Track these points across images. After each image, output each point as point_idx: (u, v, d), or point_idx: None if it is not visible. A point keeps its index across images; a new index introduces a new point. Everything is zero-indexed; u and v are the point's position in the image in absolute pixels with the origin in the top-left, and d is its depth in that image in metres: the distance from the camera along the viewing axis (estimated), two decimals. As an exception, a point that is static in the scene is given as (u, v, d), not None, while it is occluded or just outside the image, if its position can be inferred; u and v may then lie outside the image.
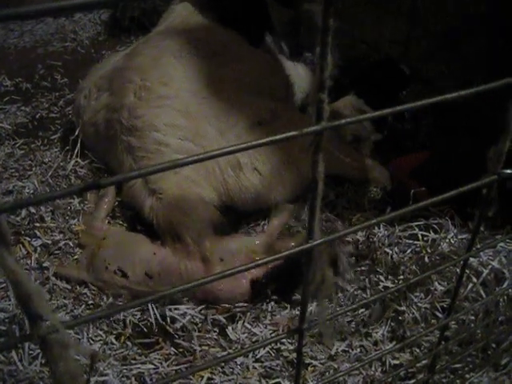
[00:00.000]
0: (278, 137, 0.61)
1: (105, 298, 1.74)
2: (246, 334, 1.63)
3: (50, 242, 1.89)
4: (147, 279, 1.69)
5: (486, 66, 2.18)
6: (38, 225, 1.94)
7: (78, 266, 1.79)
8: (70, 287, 1.78)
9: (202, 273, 1.68)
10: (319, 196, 0.68)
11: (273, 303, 1.73)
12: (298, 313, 1.62)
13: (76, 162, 2.32)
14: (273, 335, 1.62)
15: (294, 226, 1.94)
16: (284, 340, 1.59)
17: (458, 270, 1.61)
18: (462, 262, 1.06)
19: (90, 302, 1.73)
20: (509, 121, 0.82)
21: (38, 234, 1.92)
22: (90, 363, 0.64)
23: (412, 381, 1.48)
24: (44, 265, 1.81)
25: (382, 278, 1.72)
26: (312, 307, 1.57)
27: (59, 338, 0.61)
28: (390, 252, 1.74)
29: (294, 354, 1.53)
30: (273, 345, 1.59)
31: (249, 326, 1.65)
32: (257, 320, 1.68)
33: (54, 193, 0.54)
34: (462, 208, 1.77)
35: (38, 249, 1.88)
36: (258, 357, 1.56)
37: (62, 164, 2.31)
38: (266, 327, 1.65)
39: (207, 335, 1.62)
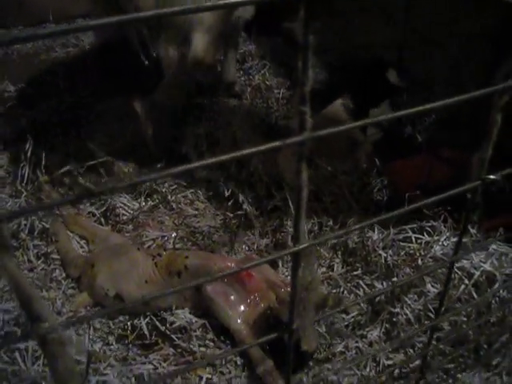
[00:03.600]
0: (262, 147, 0.65)
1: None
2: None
3: (49, 250, 1.96)
4: (144, 306, 1.73)
5: (478, 69, 2.22)
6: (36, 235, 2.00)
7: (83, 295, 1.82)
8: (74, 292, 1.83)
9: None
10: (304, 202, 0.72)
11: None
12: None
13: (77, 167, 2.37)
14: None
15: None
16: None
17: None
18: (448, 265, 1.10)
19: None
20: (492, 128, 0.86)
21: (40, 244, 1.98)
22: (87, 360, 0.68)
23: (405, 380, 1.51)
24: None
25: (375, 280, 1.76)
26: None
27: (58, 337, 0.65)
28: (385, 255, 1.78)
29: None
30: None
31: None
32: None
33: (50, 202, 0.58)
34: (456, 211, 1.81)
35: (42, 258, 1.94)
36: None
37: (64, 170, 2.36)
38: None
39: (206, 335, 1.66)
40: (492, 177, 0.91)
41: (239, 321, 1.59)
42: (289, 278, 1.53)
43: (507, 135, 1.03)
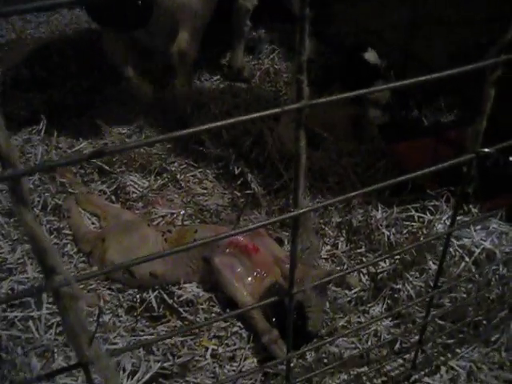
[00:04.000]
0: (261, 113, 0.69)
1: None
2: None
3: (61, 225, 2.02)
4: (152, 279, 1.78)
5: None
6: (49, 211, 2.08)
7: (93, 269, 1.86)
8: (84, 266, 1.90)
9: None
10: (303, 168, 0.76)
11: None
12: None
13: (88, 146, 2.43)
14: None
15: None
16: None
17: (451, 250, 1.68)
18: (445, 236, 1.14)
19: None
20: (485, 101, 0.90)
21: (52, 219, 2.05)
22: (97, 313, 0.72)
23: (405, 354, 1.55)
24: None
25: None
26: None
27: (70, 291, 0.70)
28: (388, 233, 1.82)
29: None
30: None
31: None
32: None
33: (63, 160, 0.62)
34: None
35: (54, 233, 2.00)
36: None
37: (76, 149, 2.41)
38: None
39: (213, 309, 1.71)
40: (486, 150, 0.94)
41: (245, 293, 1.64)
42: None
43: (501, 110, 1.06)
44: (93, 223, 2.08)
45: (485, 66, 0.84)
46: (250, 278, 1.67)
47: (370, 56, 2.62)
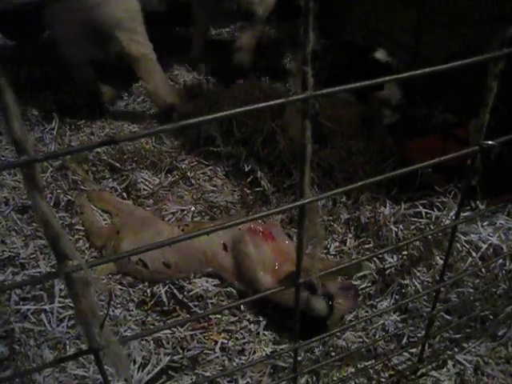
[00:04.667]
0: (266, 103, 0.71)
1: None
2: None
3: (74, 221, 2.06)
4: (165, 268, 1.79)
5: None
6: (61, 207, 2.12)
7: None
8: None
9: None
10: (308, 158, 0.78)
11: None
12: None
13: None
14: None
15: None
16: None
17: (458, 246, 1.69)
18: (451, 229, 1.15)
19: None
20: (488, 95, 0.91)
21: (65, 215, 2.09)
22: (108, 299, 0.74)
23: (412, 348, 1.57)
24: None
25: (386, 253, 1.82)
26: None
27: (82, 276, 0.72)
28: (395, 229, 1.83)
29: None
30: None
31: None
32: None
33: (76, 147, 0.65)
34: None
35: (66, 228, 2.03)
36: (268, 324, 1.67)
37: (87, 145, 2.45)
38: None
39: (222, 303, 1.73)
40: (490, 142, 0.96)
41: (267, 275, 1.66)
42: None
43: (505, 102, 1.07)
44: (104, 220, 2.10)
45: (487, 59, 0.85)
46: (267, 265, 1.68)
47: (381, 55, 2.63)
